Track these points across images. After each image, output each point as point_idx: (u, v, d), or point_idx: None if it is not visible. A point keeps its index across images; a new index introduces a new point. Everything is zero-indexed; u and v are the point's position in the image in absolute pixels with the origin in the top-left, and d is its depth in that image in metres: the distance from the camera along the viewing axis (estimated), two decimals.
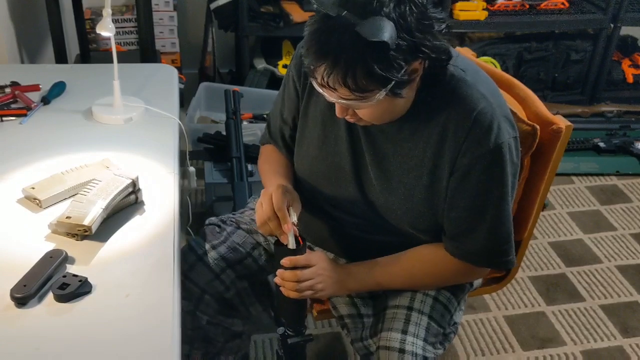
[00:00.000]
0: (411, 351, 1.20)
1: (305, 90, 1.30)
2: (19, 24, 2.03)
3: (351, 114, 1.14)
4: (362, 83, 1.02)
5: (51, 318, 1.02)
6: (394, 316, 1.27)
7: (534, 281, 2.27)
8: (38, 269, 1.05)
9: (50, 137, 1.48)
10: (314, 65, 1.04)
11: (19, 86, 1.65)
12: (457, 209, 1.21)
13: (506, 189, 1.20)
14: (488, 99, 1.16)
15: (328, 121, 1.28)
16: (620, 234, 2.53)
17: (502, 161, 1.16)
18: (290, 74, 1.33)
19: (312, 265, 1.25)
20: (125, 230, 1.22)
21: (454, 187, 1.20)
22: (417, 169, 1.21)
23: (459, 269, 1.27)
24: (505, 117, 1.18)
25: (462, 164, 1.16)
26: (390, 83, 1.03)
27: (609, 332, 2.07)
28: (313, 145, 1.31)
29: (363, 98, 1.05)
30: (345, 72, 1.01)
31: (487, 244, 1.24)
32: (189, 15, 3.17)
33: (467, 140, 1.14)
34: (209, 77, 3.08)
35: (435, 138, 1.17)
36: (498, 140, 1.14)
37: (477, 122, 1.14)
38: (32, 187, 1.26)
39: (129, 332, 1.01)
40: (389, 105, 1.11)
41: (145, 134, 1.53)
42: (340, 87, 1.04)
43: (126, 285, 1.09)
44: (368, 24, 0.98)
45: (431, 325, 1.26)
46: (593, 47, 3.21)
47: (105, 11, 1.36)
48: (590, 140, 2.93)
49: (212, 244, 1.39)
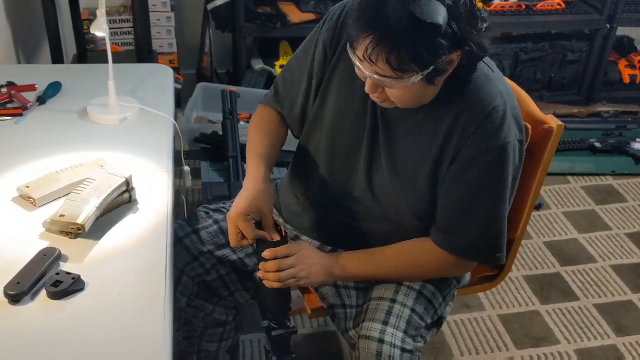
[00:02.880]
0: (390, 342, 1.22)
1: (333, 58, 1.29)
2: (15, 24, 2.04)
3: (380, 92, 1.14)
4: (404, 62, 1.03)
5: (44, 315, 1.03)
6: (376, 307, 1.29)
7: (528, 280, 2.28)
8: (31, 267, 1.06)
9: (45, 137, 1.49)
10: (359, 35, 1.04)
11: (15, 86, 1.66)
12: (450, 199, 1.23)
13: (504, 189, 1.22)
14: (504, 97, 1.18)
15: (350, 96, 1.28)
16: (615, 233, 2.55)
17: (505, 160, 1.18)
18: (321, 38, 1.30)
19: (294, 254, 1.26)
20: (118, 228, 1.23)
21: (451, 177, 1.20)
22: (424, 154, 1.22)
23: (444, 261, 1.28)
24: (516, 120, 1.20)
25: (465, 155, 1.18)
26: (429, 68, 1.04)
27: (603, 331, 2.08)
28: (331, 117, 1.31)
29: (399, 77, 1.06)
30: (390, 48, 1.02)
31: (475, 239, 1.25)
32: (186, 15, 3.18)
33: (475, 132, 1.16)
34: (206, 77, 3.10)
35: (446, 126, 1.19)
36: (506, 140, 1.16)
37: (489, 117, 1.16)
38: (27, 186, 1.27)
39: (120, 329, 1.02)
40: (418, 90, 1.12)
41: (140, 134, 1.54)
42: (381, 62, 1.04)
43: (119, 283, 1.10)
44: (424, 4, 0.99)
45: (413, 318, 1.27)
46: (589, 48, 3.22)
47: (99, 11, 1.37)
48: (586, 140, 2.94)
49: (195, 227, 1.41)
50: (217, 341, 1.52)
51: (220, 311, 1.48)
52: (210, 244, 1.40)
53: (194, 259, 1.39)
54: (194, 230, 1.41)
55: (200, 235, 1.41)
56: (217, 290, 1.43)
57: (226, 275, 1.42)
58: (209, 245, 1.40)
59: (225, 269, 1.42)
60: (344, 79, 1.27)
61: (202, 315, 1.45)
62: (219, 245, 1.41)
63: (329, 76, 1.30)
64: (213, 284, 1.42)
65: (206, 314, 1.46)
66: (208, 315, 1.46)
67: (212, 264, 1.40)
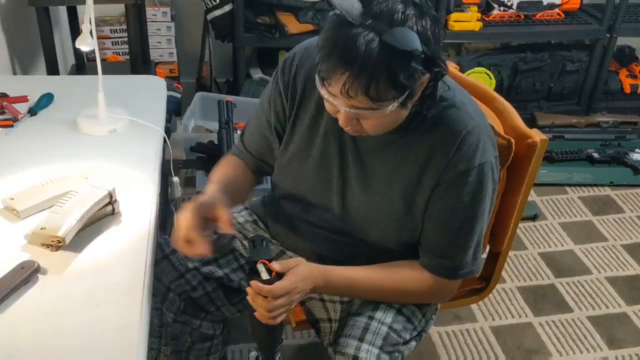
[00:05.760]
0: (365, 358, 1.22)
1: (294, 102, 1.30)
2: (11, 35, 2.07)
3: (354, 125, 1.14)
4: (384, 92, 1.03)
5: (18, 326, 1.04)
6: (354, 323, 1.29)
7: (522, 291, 2.28)
8: (5, 280, 1.07)
9: (34, 148, 1.51)
10: (333, 72, 1.03)
11: (7, 97, 1.68)
12: (434, 223, 1.24)
13: (485, 205, 1.24)
14: (475, 119, 1.20)
15: (316, 136, 1.29)
16: (612, 244, 2.54)
17: (484, 179, 1.20)
18: (277, 87, 1.32)
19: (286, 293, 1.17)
20: (100, 240, 1.24)
21: (434, 200, 1.22)
22: (402, 184, 1.23)
23: (433, 284, 1.28)
24: (490, 138, 1.23)
25: (446, 179, 1.19)
26: (405, 94, 1.05)
27: (595, 344, 2.07)
28: (299, 158, 1.32)
29: (377, 108, 1.06)
30: (370, 80, 1.01)
31: (461, 258, 1.26)
32: (186, 25, 3.21)
33: (454, 157, 1.18)
34: (206, 86, 3.12)
35: (423, 155, 1.20)
36: (482, 159, 1.19)
37: (465, 141, 1.18)
38: (11, 198, 1.29)
39: (96, 340, 1.03)
40: (394, 117, 1.13)
41: (129, 145, 1.55)
42: (360, 96, 1.04)
43: (97, 295, 1.11)
44: (397, 33, 1.00)
45: (390, 335, 1.27)
46: (589, 58, 3.22)
47: (85, 26, 1.38)
48: (584, 151, 2.93)
49: None
50: (205, 355, 1.53)
51: (208, 326, 1.48)
52: (196, 260, 1.41)
53: (180, 276, 1.40)
54: None
55: None
56: (204, 306, 1.44)
57: (212, 291, 1.43)
58: (196, 262, 1.41)
59: (212, 285, 1.43)
60: (309, 120, 1.29)
61: (189, 330, 1.46)
62: (205, 262, 1.42)
63: (293, 119, 1.31)
64: (200, 300, 1.42)
65: (193, 329, 1.46)
66: (195, 330, 1.47)
67: (198, 281, 1.41)
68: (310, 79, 1.26)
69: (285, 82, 1.31)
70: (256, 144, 1.41)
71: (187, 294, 1.40)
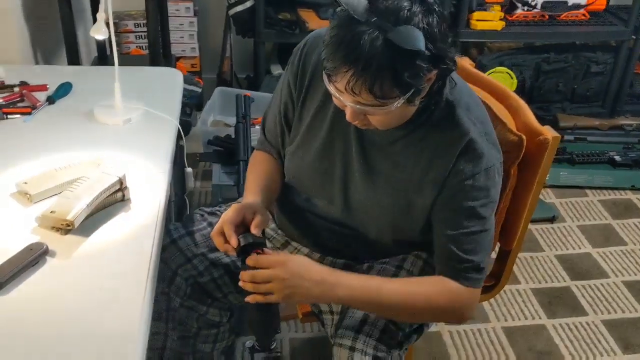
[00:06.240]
0: (361, 349, 1.22)
1: (302, 90, 1.31)
2: (33, 26, 2.10)
3: (361, 119, 1.15)
4: (388, 90, 1.03)
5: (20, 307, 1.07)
6: (352, 315, 1.29)
7: (536, 293, 2.25)
8: (14, 260, 1.10)
9: (51, 136, 1.54)
10: (338, 69, 1.04)
11: (27, 86, 1.72)
12: (444, 229, 1.22)
13: (492, 209, 1.24)
14: (478, 125, 1.20)
15: (321, 127, 1.30)
16: (631, 249, 2.50)
17: (490, 183, 1.20)
18: (287, 76, 1.34)
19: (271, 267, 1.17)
20: (109, 225, 1.27)
21: (441, 205, 1.22)
22: (403, 183, 1.23)
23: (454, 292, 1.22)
24: (493, 144, 1.22)
25: (451, 185, 1.19)
26: (411, 91, 1.05)
27: (609, 348, 2.04)
28: (304, 148, 1.33)
29: (383, 105, 1.06)
30: (373, 78, 1.02)
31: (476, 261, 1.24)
32: (209, 21, 3.24)
33: (457, 162, 1.18)
34: (226, 81, 3.14)
35: (426, 156, 1.20)
36: (488, 164, 1.19)
37: (468, 147, 1.17)
38: (25, 182, 1.31)
39: (98, 322, 1.05)
40: (401, 113, 1.13)
41: (143, 135, 1.57)
42: (364, 93, 1.04)
43: (102, 279, 1.13)
44: (402, 32, 0.99)
45: (389, 327, 1.27)
46: (614, 60, 3.16)
47: (100, 15, 1.41)
48: (606, 153, 2.89)
49: (189, 229, 1.44)
50: (211, 342, 1.55)
51: (214, 312, 1.50)
52: (203, 246, 1.42)
53: (187, 261, 1.41)
54: (189, 233, 1.44)
55: (195, 237, 1.43)
56: (211, 292, 1.46)
57: (219, 277, 1.44)
58: (203, 248, 1.42)
59: (219, 272, 1.44)
60: (315, 112, 1.30)
61: (196, 316, 1.48)
62: (212, 248, 1.42)
63: (300, 111, 1.32)
64: (207, 286, 1.44)
65: (200, 315, 1.48)
66: (202, 317, 1.48)
67: (205, 267, 1.42)
68: (318, 68, 1.27)
69: (294, 71, 1.31)
70: (274, 132, 1.43)
71: (194, 279, 1.41)
